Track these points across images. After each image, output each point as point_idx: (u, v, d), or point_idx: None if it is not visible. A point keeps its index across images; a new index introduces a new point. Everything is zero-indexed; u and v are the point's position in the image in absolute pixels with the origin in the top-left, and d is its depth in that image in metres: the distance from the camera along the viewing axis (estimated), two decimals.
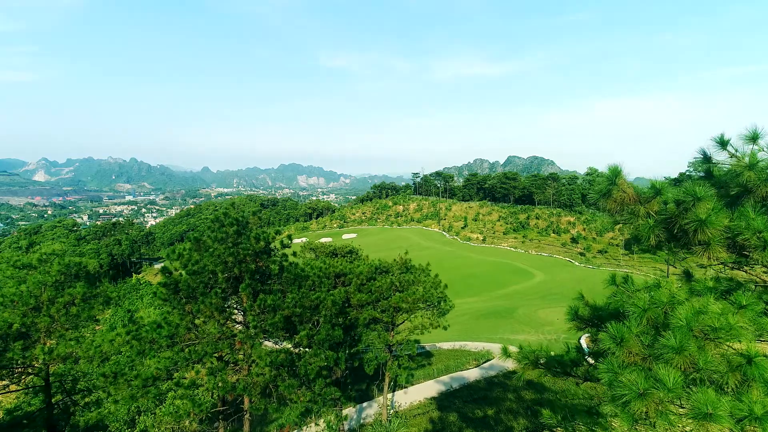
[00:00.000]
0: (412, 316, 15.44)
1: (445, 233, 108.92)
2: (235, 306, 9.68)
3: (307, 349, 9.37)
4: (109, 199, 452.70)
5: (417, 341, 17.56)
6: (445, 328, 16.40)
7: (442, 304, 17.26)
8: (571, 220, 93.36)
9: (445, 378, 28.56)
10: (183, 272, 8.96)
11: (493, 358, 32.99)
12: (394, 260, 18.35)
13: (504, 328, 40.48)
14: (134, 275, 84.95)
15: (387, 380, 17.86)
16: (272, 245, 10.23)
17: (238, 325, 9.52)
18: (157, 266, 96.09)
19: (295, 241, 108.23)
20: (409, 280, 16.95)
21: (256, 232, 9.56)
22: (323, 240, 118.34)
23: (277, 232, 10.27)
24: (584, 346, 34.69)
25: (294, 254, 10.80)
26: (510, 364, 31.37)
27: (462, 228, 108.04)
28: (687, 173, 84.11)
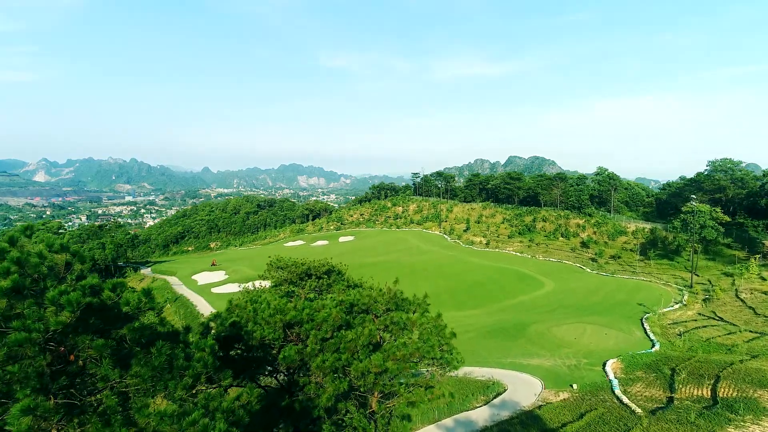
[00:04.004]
0: (402, 385, 10.45)
1: (446, 236, 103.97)
2: None
3: None
4: (109, 200, 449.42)
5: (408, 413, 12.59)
6: (452, 395, 11.43)
7: (446, 356, 12.27)
8: (581, 222, 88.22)
9: (448, 421, 23.57)
10: None
11: (504, 390, 28.01)
12: (380, 291, 13.34)
13: (514, 350, 35.43)
14: None
15: None
16: (124, 305, 5.40)
17: None
18: (144, 271, 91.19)
19: (290, 244, 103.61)
20: (400, 322, 12.01)
21: (61, 289, 4.69)
22: (319, 243, 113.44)
23: (117, 283, 5.39)
24: (610, 374, 29.51)
25: (162, 321, 5.99)
26: (524, 401, 26.40)
27: (464, 231, 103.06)
28: (706, 172, 78.93)
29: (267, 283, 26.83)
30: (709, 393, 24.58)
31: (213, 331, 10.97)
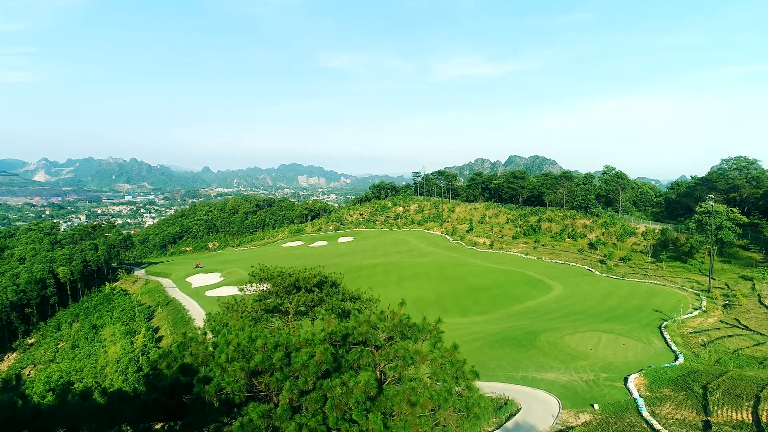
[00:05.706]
0: None
1: (448, 237, 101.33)
2: None
3: None
4: (109, 200, 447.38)
5: None
6: None
7: (465, 396, 9.63)
8: (588, 223, 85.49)
9: None
10: None
11: (518, 410, 25.38)
12: (381, 315, 10.69)
13: (526, 363, 32.75)
14: (107, 284, 77.44)
15: None
16: None
17: None
18: (138, 272, 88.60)
19: (288, 244, 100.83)
20: (407, 356, 9.42)
21: None
22: (318, 244, 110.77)
23: None
24: (634, 392, 26.66)
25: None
26: (541, 425, 23.76)
27: (467, 231, 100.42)
28: (719, 170, 75.97)
29: (259, 287, 24.17)
30: (750, 416, 21.95)
31: (166, 370, 8.37)
